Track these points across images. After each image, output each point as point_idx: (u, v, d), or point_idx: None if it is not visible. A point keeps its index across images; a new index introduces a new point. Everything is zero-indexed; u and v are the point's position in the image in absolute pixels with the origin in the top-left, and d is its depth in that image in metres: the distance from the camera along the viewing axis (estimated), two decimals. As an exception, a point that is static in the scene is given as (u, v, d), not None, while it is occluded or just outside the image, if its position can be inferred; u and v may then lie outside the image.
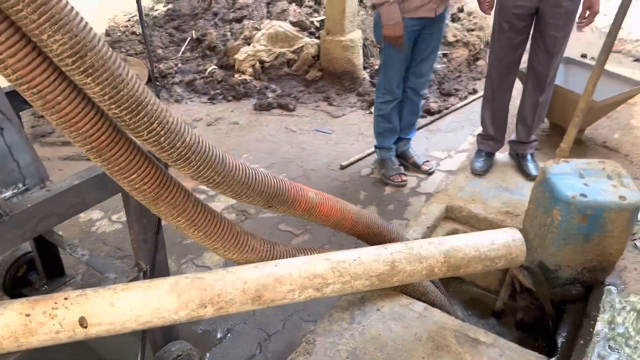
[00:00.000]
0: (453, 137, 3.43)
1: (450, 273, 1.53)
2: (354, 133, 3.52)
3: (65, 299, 1.20)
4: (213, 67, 4.12)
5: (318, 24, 4.32)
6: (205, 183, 1.22)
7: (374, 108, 2.94)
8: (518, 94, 2.84)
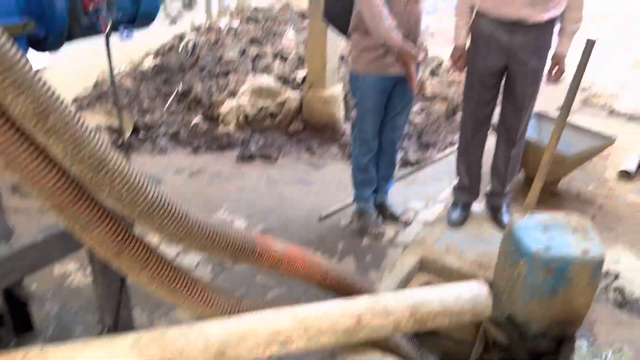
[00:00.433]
0: (431, 188, 3.49)
1: (417, 327, 1.53)
2: (335, 183, 3.57)
3: (24, 357, 1.19)
4: (198, 119, 4.21)
5: (301, 79, 4.46)
6: (169, 238, 1.24)
7: (352, 159, 3.00)
8: (493, 146, 2.92)
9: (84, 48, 2.37)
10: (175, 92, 4.58)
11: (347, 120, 4.21)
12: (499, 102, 2.78)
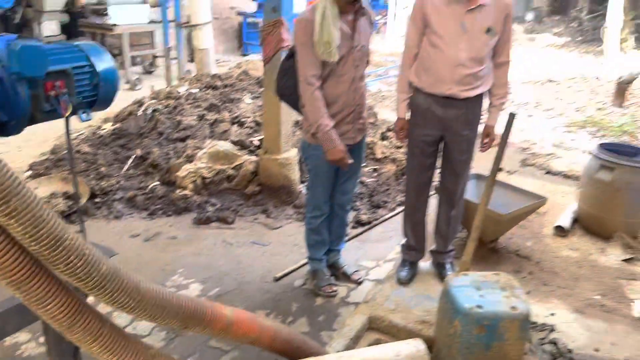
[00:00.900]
0: (382, 246, 3.65)
1: (360, 386, 1.63)
2: (290, 244, 3.68)
3: None
4: (155, 183, 4.29)
5: (257, 143, 4.64)
6: (121, 309, 1.32)
7: (305, 222, 3.14)
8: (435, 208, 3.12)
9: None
10: (133, 156, 4.66)
11: (301, 183, 4.38)
12: (439, 167, 3.01)
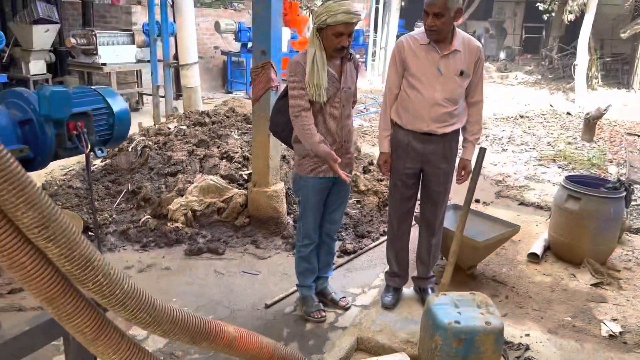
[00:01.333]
0: (367, 274, 3.84)
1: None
2: (279, 273, 3.85)
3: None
4: (147, 217, 4.43)
5: (246, 177, 4.84)
6: (138, 323, 1.47)
7: (295, 250, 3.32)
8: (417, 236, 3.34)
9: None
10: (125, 191, 4.81)
11: (290, 215, 4.57)
12: (420, 197, 3.25)
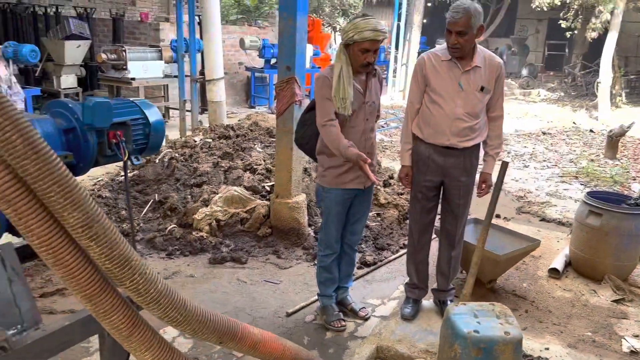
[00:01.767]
0: (386, 286, 3.88)
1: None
2: (300, 283, 3.91)
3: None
4: (173, 226, 4.56)
5: (269, 188, 4.94)
6: (169, 322, 1.53)
7: (317, 260, 3.39)
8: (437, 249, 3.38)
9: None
10: (152, 201, 4.95)
11: (310, 226, 4.65)
12: (440, 210, 3.29)
